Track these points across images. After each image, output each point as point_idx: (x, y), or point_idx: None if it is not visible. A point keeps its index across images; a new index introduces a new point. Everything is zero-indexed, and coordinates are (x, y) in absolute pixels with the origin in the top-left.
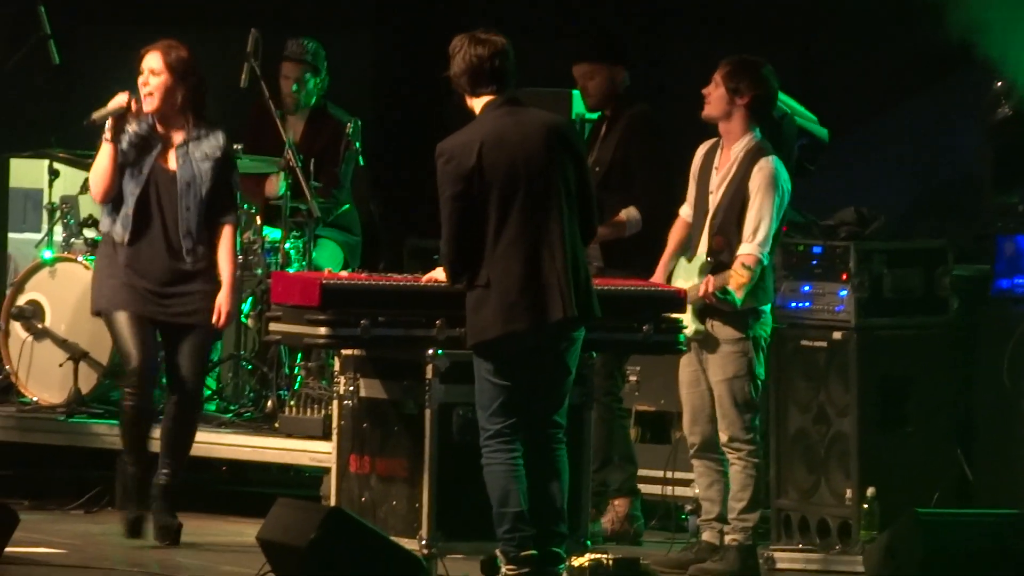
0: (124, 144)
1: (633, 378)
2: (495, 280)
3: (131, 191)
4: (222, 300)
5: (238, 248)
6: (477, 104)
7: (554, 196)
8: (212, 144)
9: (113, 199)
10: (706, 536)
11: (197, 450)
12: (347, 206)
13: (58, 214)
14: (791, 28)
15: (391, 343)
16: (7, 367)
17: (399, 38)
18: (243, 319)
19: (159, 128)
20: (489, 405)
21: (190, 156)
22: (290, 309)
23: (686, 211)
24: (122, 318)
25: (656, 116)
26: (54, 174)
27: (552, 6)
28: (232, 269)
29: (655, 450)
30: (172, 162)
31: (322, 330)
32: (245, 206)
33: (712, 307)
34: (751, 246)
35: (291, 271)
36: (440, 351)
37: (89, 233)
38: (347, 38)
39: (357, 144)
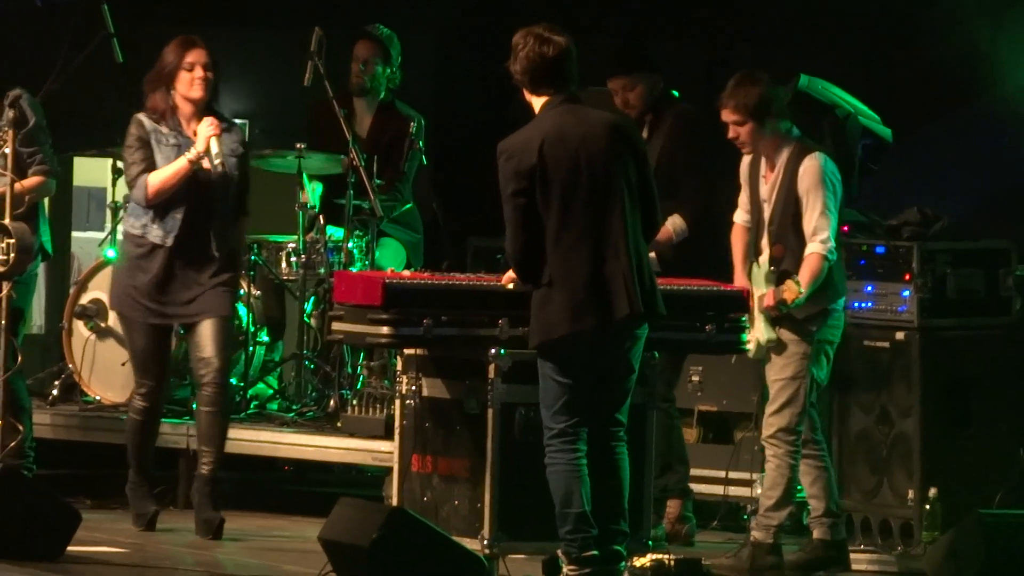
0: (161, 149)
1: (696, 378)
2: (559, 279)
3: (178, 194)
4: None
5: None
6: (537, 102)
7: (616, 193)
8: (234, 138)
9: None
10: (817, 534)
11: (260, 449)
12: (409, 205)
13: (121, 213)
14: (854, 28)
15: (454, 342)
16: (70, 366)
17: (463, 37)
18: (306, 318)
19: (185, 128)
20: (553, 404)
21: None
22: (353, 308)
23: (741, 216)
24: (139, 334)
25: (700, 115)
26: (117, 173)
27: (611, 6)
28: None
29: (717, 450)
30: (204, 160)
31: (385, 329)
32: (308, 205)
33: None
34: (815, 244)
35: (354, 270)
36: (503, 350)
37: None
38: (411, 37)
39: (420, 143)
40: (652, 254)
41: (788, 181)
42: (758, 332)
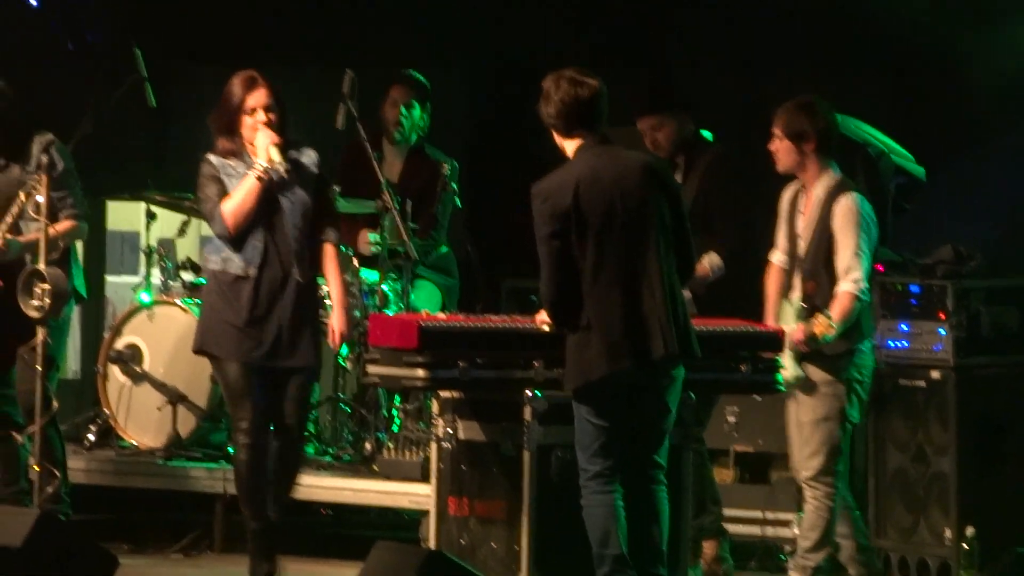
0: (232, 182)
1: (732, 418)
2: (595, 320)
3: (256, 222)
4: (335, 321)
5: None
6: (569, 145)
7: (651, 234)
8: (306, 162)
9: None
10: (854, 572)
11: (297, 493)
12: (444, 248)
13: (155, 257)
14: (885, 65)
15: (489, 385)
16: (106, 411)
17: (493, 79)
18: (341, 361)
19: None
20: (589, 446)
21: (288, 178)
22: (388, 351)
23: (778, 257)
24: (233, 370)
25: (734, 157)
26: (151, 217)
27: (640, 44)
28: (340, 287)
29: (754, 490)
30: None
31: (420, 372)
32: (342, 248)
33: (810, 352)
34: (847, 283)
35: (389, 313)
36: (538, 392)
37: (186, 276)
38: (441, 79)
39: (454, 185)
40: (687, 293)
41: (823, 218)
42: (786, 370)
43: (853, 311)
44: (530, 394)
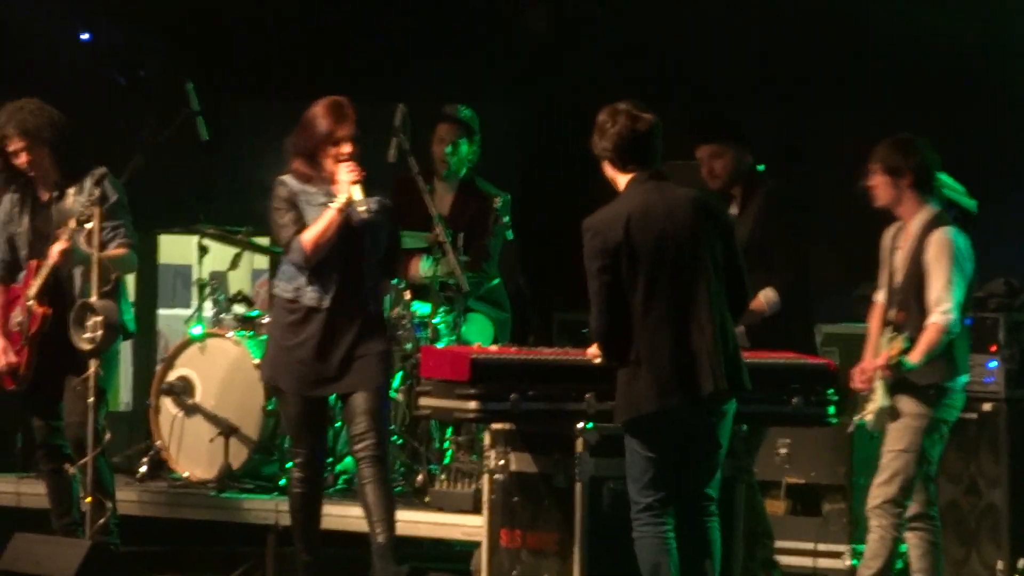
0: (310, 210)
1: (783, 450)
2: (645, 355)
3: (332, 252)
4: None
5: (386, 320)
6: (622, 179)
7: (701, 269)
8: (378, 198)
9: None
10: None
11: (348, 524)
12: (496, 280)
13: (207, 290)
14: (936, 98)
15: (541, 417)
16: (158, 443)
17: (544, 112)
18: (393, 393)
19: (333, 187)
20: (640, 478)
21: (367, 216)
22: (440, 383)
23: (881, 295)
24: (294, 404)
25: (789, 190)
26: (203, 250)
27: (693, 77)
28: None
29: (805, 522)
30: (352, 210)
31: (472, 404)
32: (395, 280)
33: (900, 382)
34: (935, 315)
35: (440, 346)
36: (590, 424)
37: (238, 309)
38: (492, 112)
39: (506, 218)
40: (740, 328)
41: (916, 250)
42: (876, 399)
43: (939, 342)
44: (582, 426)
